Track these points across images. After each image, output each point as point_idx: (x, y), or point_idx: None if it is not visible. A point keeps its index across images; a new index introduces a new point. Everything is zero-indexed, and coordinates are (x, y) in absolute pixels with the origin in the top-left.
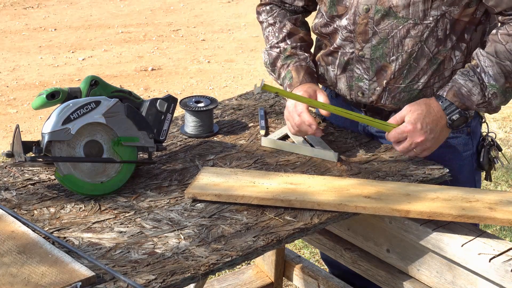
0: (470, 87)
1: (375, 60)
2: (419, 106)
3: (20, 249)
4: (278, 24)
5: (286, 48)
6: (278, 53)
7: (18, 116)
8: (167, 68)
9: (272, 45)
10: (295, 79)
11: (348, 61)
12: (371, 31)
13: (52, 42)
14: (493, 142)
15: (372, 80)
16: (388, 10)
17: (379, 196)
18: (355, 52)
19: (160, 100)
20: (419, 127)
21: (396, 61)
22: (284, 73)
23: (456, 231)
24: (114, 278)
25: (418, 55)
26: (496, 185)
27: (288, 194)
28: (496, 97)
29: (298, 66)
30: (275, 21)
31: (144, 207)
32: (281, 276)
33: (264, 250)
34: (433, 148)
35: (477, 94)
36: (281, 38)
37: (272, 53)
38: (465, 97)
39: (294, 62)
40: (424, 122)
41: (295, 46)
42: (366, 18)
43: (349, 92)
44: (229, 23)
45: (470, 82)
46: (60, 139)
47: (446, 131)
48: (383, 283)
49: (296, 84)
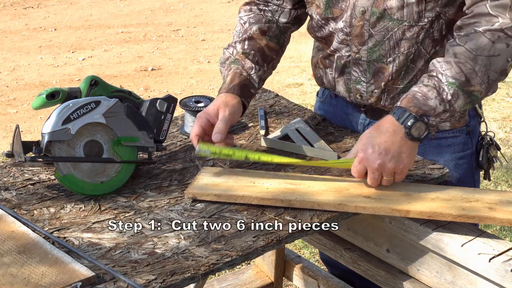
0: (425, 91)
1: (372, 62)
2: (368, 130)
3: (20, 249)
4: (247, 25)
5: (238, 51)
6: (230, 54)
7: (18, 116)
8: (167, 68)
9: (231, 44)
10: (226, 85)
11: (345, 64)
12: (367, 33)
13: (52, 42)
14: (491, 141)
15: (370, 83)
16: (383, 12)
17: (379, 196)
18: (352, 55)
19: (160, 100)
20: (370, 151)
21: (393, 62)
22: (226, 74)
23: (456, 231)
24: (114, 278)
25: (415, 56)
26: (496, 185)
27: (288, 194)
28: (458, 97)
29: (237, 74)
30: (246, 22)
31: (144, 207)
32: (281, 276)
33: (264, 250)
34: (403, 168)
35: (434, 98)
36: (240, 39)
37: (226, 53)
38: (421, 102)
39: (236, 68)
40: (375, 144)
41: (247, 52)
42: (362, 20)
43: (348, 94)
44: (229, 23)
45: (425, 87)
46: (60, 139)
47: (408, 145)
48: (383, 283)
49: (223, 91)
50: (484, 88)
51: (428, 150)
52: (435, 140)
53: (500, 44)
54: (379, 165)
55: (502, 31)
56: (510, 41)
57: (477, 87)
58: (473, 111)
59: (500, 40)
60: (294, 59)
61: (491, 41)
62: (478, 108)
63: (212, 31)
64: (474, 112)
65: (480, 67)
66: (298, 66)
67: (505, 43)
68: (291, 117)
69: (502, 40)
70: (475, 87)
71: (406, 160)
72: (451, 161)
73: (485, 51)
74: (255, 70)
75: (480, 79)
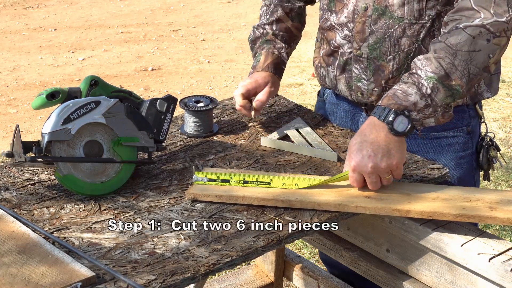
0: (405, 88)
1: (372, 59)
2: (353, 138)
3: (20, 249)
4: (272, 7)
5: (268, 32)
6: (261, 34)
7: (18, 116)
8: (167, 68)
9: (260, 24)
10: (260, 63)
11: (346, 61)
12: (368, 29)
13: (52, 42)
14: (491, 142)
15: (370, 81)
16: (384, 9)
17: (379, 196)
18: (353, 51)
19: (160, 100)
20: (360, 157)
21: (393, 60)
22: (257, 53)
23: (456, 231)
24: (114, 278)
25: (416, 54)
26: (496, 185)
27: (288, 194)
28: (438, 90)
29: (270, 53)
30: (270, 3)
31: (144, 207)
32: (281, 276)
33: (264, 250)
34: (397, 164)
35: (414, 94)
36: (269, 21)
37: (256, 32)
38: (401, 98)
39: (268, 47)
40: (364, 149)
41: (277, 33)
42: (364, 16)
43: (349, 92)
44: (229, 23)
45: (405, 84)
46: (60, 139)
47: (394, 139)
48: (383, 283)
49: (259, 69)
50: (465, 82)
51: (429, 149)
52: (435, 139)
53: (480, 40)
54: (372, 168)
55: (484, 27)
56: (491, 37)
57: (457, 81)
58: (474, 111)
59: (481, 35)
60: (294, 59)
61: (472, 37)
62: (479, 109)
63: (212, 31)
64: (474, 112)
65: (459, 61)
66: (298, 66)
67: (486, 39)
68: (291, 117)
69: (483, 35)
70: (455, 81)
71: (397, 155)
72: (451, 161)
73: (465, 46)
74: (284, 49)
75: (460, 73)
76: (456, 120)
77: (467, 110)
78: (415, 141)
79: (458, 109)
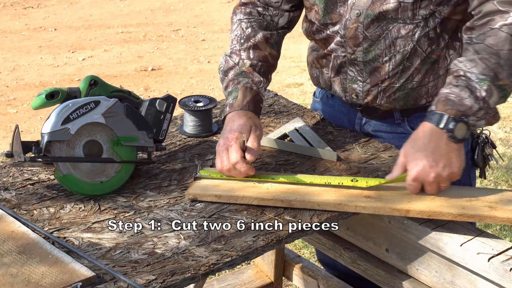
0: (458, 92)
1: (368, 62)
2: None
3: (20, 249)
4: (250, 30)
5: (245, 63)
6: (235, 64)
7: (18, 116)
8: (167, 68)
9: (234, 51)
10: (238, 101)
11: (341, 63)
12: (361, 35)
13: (52, 42)
14: (487, 139)
15: (366, 82)
16: (378, 14)
17: (379, 196)
18: (347, 55)
19: (159, 99)
20: (420, 168)
21: (389, 61)
22: (231, 88)
23: (455, 230)
24: (114, 278)
25: (411, 55)
26: (496, 185)
27: (288, 194)
28: (492, 93)
29: (248, 88)
30: (247, 27)
31: (144, 207)
32: (280, 276)
33: (264, 250)
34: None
35: (468, 97)
36: (245, 46)
37: (230, 62)
38: (457, 103)
39: (246, 82)
40: (424, 158)
41: (255, 64)
42: (356, 22)
43: (344, 94)
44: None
45: (456, 88)
46: (60, 139)
47: (454, 147)
48: (382, 282)
49: (237, 108)
50: None
51: None
52: None
53: None
54: (434, 178)
55: None
56: None
57: (505, 81)
58: None
59: None
60: (294, 59)
61: (510, 35)
62: None
63: (212, 31)
64: None
65: (504, 61)
66: (298, 66)
67: None
68: (290, 116)
69: None
70: (503, 81)
71: (458, 163)
72: None
73: (506, 45)
74: (263, 84)
75: (506, 73)
76: None
77: None
78: None
79: None
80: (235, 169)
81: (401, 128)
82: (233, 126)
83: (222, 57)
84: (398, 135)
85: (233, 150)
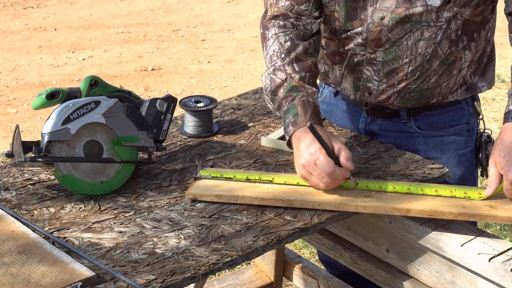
0: None
1: (386, 62)
2: (498, 149)
3: (20, 249)
4: (289, 43)
5: (293, 77)
6: (282, 81)
7: (18, 116)
8: (167, 68)
9: (277, 67)
10: (300, 117)
11: (358, 62)
12: (384, 37)
13: (52, 42)
14: (489, 138)
15: (382, 82)
16: (404, 17)
17: (380, 196)
18: (367, 55)
19: (159, 100)
20: None
21: (409, 63)
22: (287, 106)
23: (456, 230)
24: (114, 278)
25: (432, 56)
26: None
27: (288, 194)
28: None
29: (306, 102)
30: (286, 40)
31: (144, 207)
32: (281, 276)
33: (264, 250)
34: None
35: None
36: (287, 61)
37: (277, 80)
38: None
39: (301, 96)
40: None
41: (303, 76)
42: (380, 25)
43: (354, 91)
44: (229, 23)
45: None
46: (60, 139)
47: None
48: (382, 282)
49: (302, 124)
50: None
51: (431, 148)
52: (437, 137)
53: None
54: None
55: None
56: None
57: None
58: (473, 108)
59: None
60: None
61: None
62: (477, 106)
63: (212, 31)
64: (473, 109)
65: None
66: None
67: None
68: None
69: None
70: None
71: None
72: (453, 158)
73: None
74: (316, 94)
75: None
76: (457, 118)
77: (467, 108)
78: (417, 140)
79: (458, 106)
80: (335, 180)
81: (407, 127)
82: (306, 143)
83: (265, 77)
84: (404, 134)
85: (323, 161)
